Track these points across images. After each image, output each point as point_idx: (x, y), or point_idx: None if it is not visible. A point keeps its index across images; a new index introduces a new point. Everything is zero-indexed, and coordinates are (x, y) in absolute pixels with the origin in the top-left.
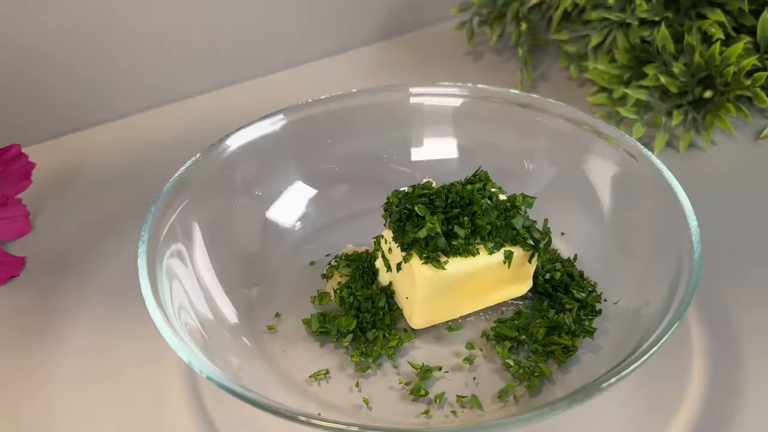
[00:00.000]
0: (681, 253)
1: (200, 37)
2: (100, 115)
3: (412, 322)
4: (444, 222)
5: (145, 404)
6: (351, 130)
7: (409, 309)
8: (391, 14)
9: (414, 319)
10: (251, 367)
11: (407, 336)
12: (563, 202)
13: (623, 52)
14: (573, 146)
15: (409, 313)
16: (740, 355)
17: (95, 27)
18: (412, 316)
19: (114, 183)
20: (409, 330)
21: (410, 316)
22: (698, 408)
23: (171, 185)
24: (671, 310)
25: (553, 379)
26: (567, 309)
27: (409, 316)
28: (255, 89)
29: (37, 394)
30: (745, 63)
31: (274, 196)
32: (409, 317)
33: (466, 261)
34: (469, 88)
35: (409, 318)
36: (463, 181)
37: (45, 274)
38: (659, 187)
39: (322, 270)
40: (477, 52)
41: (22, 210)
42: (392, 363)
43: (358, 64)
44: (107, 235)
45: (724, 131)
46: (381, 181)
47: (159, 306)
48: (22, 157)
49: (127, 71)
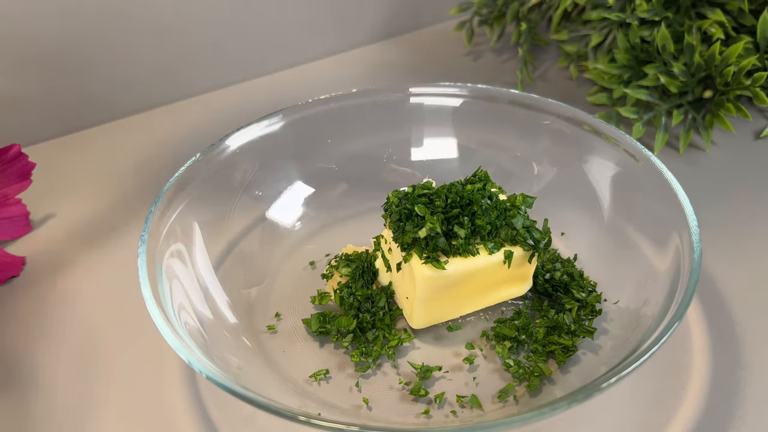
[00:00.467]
0: (681, 253)
1: (200, 37)
2: (100, 115)
3: (412, 322)
4: (444, 222)
5: (146, 404)
6: (351, 130)
7: (409, 309)
8: (391, 14)
9: (414, 319)
10: (251, 367)
11: (407, 336)
12: (563, 202)
13: (623, 52)
14: (573, 146)
15: (409, 313)
16: (740, 355)
17: (95, 27)
18: (412, 316)
19: (114, 183)
20: (409, 330)
21: (410, 316)
22: (698, 408)
23: (171, 185)
24: (671, 310)
25: (553, 379)
26: (567, 309)
27: (409, 316)
28: (255, 89)
29: (37, 394)
30: (745, 63)
31: (274, 196)
32: (409, 317)
33: (466, 261)
34: (469, 88)
35: (409, 318)
36: (463, 181)
37: (45, 274)
38: (659, 187)
39: (322, 270)
40: (477, 52)
41: (22, 210)
42: (392, 363)
43: (358, 64)
44: (107, 235)
45: (724, 131)
46: (381, 181)
47: (159, 306)
48: (22, 157)
49: (127, 71)
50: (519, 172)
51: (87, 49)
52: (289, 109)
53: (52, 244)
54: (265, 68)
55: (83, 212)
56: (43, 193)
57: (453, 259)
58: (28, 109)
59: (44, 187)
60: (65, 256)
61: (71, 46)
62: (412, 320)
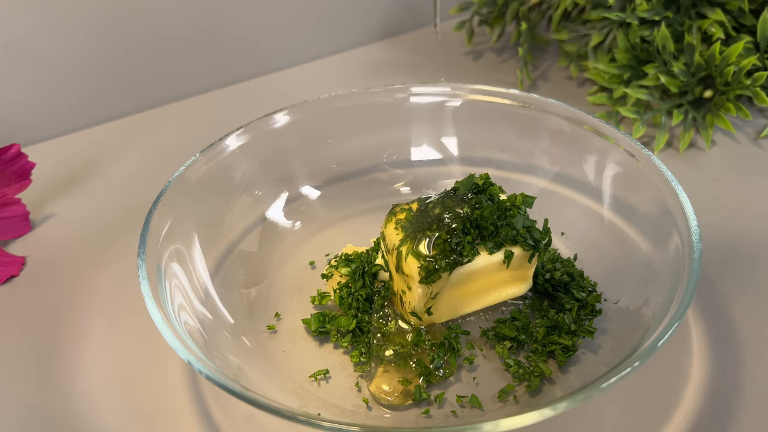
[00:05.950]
0: (681, 253)
1: (201, 37)
2: (100, 116)
3: (412, 321)
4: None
5: (146, 404)
6: (351, 130)
7: (408, 309)
8: (391, 14)
9: (414, 319)
10: (251, 367)
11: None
12: (563, 202)
13: (623, 51)
14: (573, 146)
15: (409, 313)
16: (740, 355)
17: (95, 27)
18: (412, 316)
19: (114, 183)
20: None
21: (410, 316)
22: (698, 408)
23: (171, 185)
24: (671, 310)
25: (553, 379)
26: (567, 309)
27: (409, 316)
28: (255, 89)
29: (37, 394)
30: (745, 63)
31: (274, 196)
32: (409, 317)
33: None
34: (469, 88)
35: (409, 318)
36: (463, 185)
37: (45, 274)
38: (659, 187)
39: (322, 270)
40: (477, 52)
41: (22, 210)
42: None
43: (358, 64)
44: (107, 235)
45: (724, 131)
46: (380, 181)
47: (159, 306)
48: (22, 157)
49: (126, 71)
50: (519, 172)
51: (87, 49)
52: (289, 108)
53: (52, 244)
54: (265, 68)
55: (83, 212)
56: (43, 193)
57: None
58: (28, 109)
59: (44, 187)
60: (65, 256)
61: (71, 46)
62: (412, 320)
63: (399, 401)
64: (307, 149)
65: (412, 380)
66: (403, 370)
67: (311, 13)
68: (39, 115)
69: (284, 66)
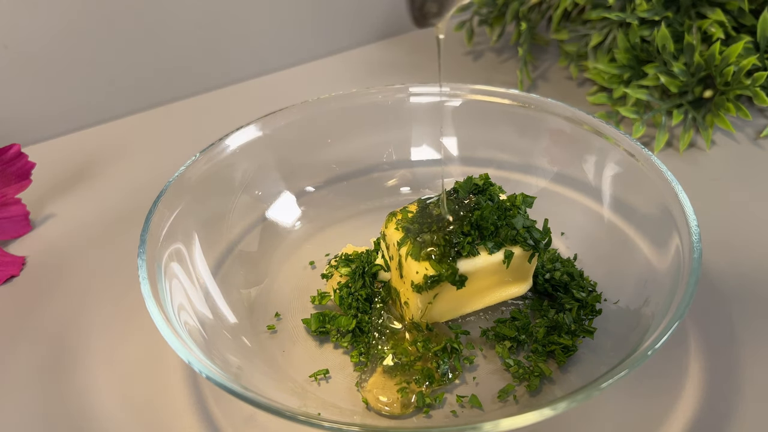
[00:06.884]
0: (681, 253)
1: (200, 37)
2: (100, 116)
3: (409, 317)
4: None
5: (146, 404)
6: (351, 130)
7: (408, 309)
8: (391, 14)
9: (414, 319)
10: (251, 367)
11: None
12: (563, 202)
13: (623, 51)
14: (573, 146)
15: (409, 313)
16: (739, 355)
17: (95, 27)
18: (412, 316)
19: (114, 183)
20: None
21: (410, 316)
22: (697, 408)
23: (171, 185)
24: (671, 310)
25: (553, 379)
26: (567, 309)
27: (409, 316)
28: (255, 89)
29: (37, 394)
30: (745, 63)
31: (273, 196)
32: (409, 317)
33: (466, 261)
34: (469, 88)
35: (409, 318)
36: (462, 187)
37: (45, 274)
38: (659, 187)
39: (322, 270)
40: (477, 52)
41: (22, 210)
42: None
43: (358, 64)
44: (107, 235)
45: (724, 131)
46: (380, 181)
47: (159, 306)
48: (22, 157)
49: (126, 71)
50: (519, 172)
51: (87, 49)
52: (288, 108)
53: (52, 244)
54: (265, 68)
55: (83, 212)
56: (43, 193)
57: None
58: (28, 109)
59: (44, 187)
60: (65, 256)
61: (71, 46)
62: (409, 316)
63: (397, 411)
64: (307, 149)
65: (412, 389)
66: (402, 378)
67: (311, 13)
68: (39, 115)
69: (284, 66)
